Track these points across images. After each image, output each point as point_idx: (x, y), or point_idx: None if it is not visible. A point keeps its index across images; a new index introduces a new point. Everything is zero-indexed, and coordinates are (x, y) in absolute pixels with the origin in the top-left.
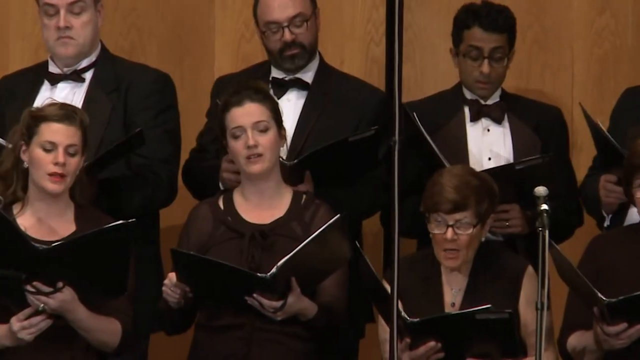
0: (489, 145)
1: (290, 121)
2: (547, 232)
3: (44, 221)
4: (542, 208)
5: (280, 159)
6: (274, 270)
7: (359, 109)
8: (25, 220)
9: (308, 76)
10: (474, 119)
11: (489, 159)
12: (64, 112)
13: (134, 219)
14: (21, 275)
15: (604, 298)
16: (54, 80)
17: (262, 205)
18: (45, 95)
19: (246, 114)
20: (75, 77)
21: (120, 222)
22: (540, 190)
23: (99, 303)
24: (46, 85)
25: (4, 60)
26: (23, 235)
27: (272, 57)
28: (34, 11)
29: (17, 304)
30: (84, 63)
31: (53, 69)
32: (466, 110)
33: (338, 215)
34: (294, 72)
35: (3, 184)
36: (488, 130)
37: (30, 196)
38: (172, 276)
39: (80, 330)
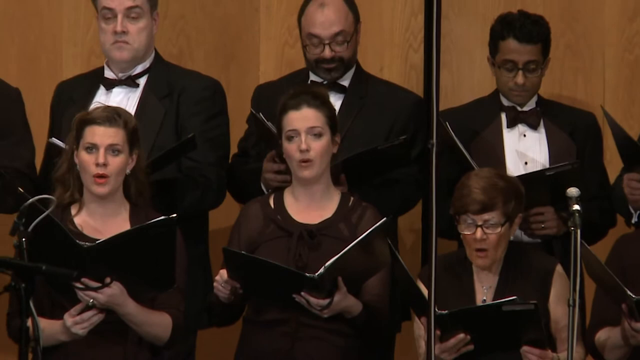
0: (525, 150)
1: None
2: (579, 230)
3: (99, 221)
4: (574, 208)
5: None
6: (321, 270)
7: (393, 112)
8: (82, 220)
9: (345, 80)
10: (511, 125)
11: (525, 163)
12: (105, 115)
13: (174, 215)
14: (72, 273)
15: (633, 295)
16: (109, 85)
17: (312, 206)
18: (101, 100)
19: (302, 118)
20: (130, 82)
21: (161, 217)
22: (572, 191)
23: (149, 297)
24: (102, 90)
25: (57, 67)
26: (69, 235)
27: (309, 65)
28: (87, 18)
29: (70, 301)
30: (139, 69)
31: (108, 74)
32: (503, 116)
33: (384, 219)
34: (330, 80)
35: (62, 187)
36: (524, 136)
37: (86, 197)
38: (223, 273)
39: (132, 324)
